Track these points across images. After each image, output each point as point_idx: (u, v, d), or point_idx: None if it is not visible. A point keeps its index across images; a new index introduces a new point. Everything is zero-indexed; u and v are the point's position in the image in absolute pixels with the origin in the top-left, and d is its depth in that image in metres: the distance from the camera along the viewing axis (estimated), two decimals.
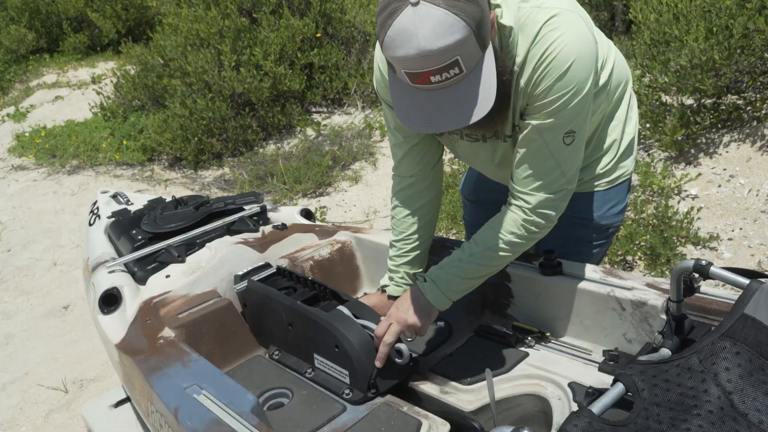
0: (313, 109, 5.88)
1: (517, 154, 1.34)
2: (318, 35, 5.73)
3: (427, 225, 1.61)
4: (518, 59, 1.25)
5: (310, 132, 5.52)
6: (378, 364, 1.41)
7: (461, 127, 1.17)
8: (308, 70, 5.76)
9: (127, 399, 2.01)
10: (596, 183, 1.59)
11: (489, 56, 1.13)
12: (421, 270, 1.64)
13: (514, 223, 1.37)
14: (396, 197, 1.61)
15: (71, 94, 8.12)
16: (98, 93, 7.00)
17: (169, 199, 2.32)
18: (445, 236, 3.19)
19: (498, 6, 1.20)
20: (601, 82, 1.37)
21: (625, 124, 1.57)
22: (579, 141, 1.32)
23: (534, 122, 1.28)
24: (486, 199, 1.84)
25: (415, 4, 1.04)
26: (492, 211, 1.47)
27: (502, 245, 1.39)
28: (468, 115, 1.15)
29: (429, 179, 1.58)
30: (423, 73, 1.09)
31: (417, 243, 1.60)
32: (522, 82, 1.26)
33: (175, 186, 5.26)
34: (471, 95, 1.13)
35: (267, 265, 1.83)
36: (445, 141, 1.55)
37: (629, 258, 3.06)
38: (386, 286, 1.64)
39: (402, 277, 1.62)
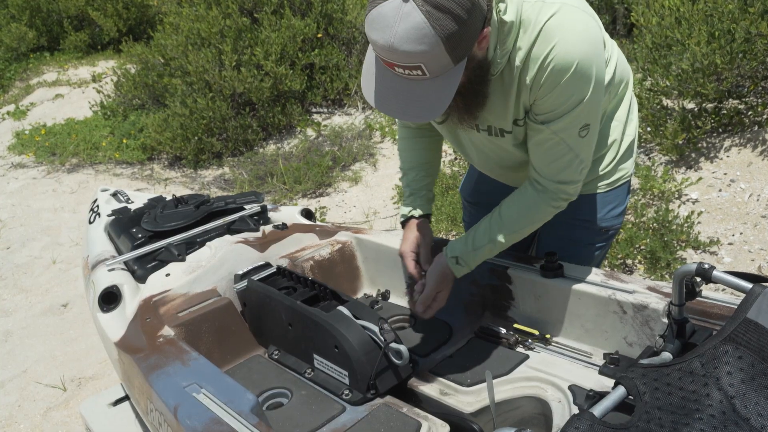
0: (314, 110, 5.88)
1: (535, 152, 1.37)
2: (319, 35, 5.73)
3: (436, 157, 1.70)
4: (521, 53, 1.24)
5: (311, 132, 5.52)
6: (427, 312, 1.52)
7: (400, 119, 1.23)
8: (309, 71, 5.75)
9: (126, 397, 2.01)
10: (597, 185, 1.59)
11: (459, 68, 1.14)
12: (432, 198, 1.70)
13: (538, 200, 1.42)
14: (405, 133, 1.68)
15: (71, 92, 8.12)
16: (98, 91, 6.99)
17: (169, 197, 2.31)
18: (445, 237, 3.19)
19: (502, 1, 1.20)
20: (607, 79, 1.37)
21: (626, 125, 1.57)
22: (593, 131, 1.35)
23: (549, 126, 1.30)
24: (486, 201, 1.84)
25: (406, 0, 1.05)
26: None
27: (526, 220, 1.44)
28: (414, 113, 1.18)
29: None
30: (388, 62, 1.12)
31: (431, 169, 1.69)
32: (527, 79, 1.26)
33: (174, 185, 5.26)
34: (424, 97, 1.15)
35: (267, 265, 1.83)
36: (446, 129, 1.55)
37: (629, 261, 3.06)
38: (413, 210, 1.67)
39: (424, 196, 1.68)
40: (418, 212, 1.65)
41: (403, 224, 1.68)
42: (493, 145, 1.49)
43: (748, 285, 1.05)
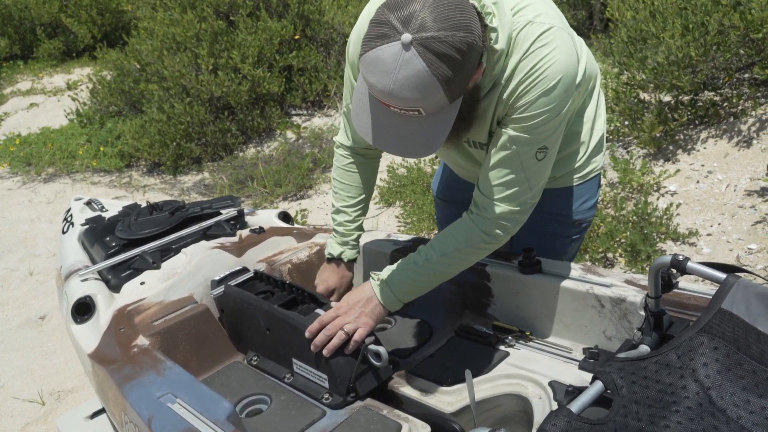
0: (293, 112, 5.85)
1: (488, 162, 1.34)
2: (296, 37, 5.69)
3: (370, 189, 1.70)
4: (506, 73, 1.24)
5: (290, 135, 5.49)
6: (326, 353, 1.39)
7: (397, 155, 1.20)
8: (287, 73, 5.72)
9: (104, 410, 1.97)
10: (569, 179, 1.60)
11: (456, 105, 1.14)
12: (362, 233, 1.73)
13: (472, 233, 1.38)
14: (342, 164, 1.66)
15: (46, 101, 7.99)
16: (74, 99, 6.89)
17: (145, 204, 2.28)
18: (427, 236, 3.18)
19: (494, 30, 1.17)
20: (578, 80, 1.37)
21: (595, 120, 1.57)
22: (550, 157, 1.33)
23: (511, 133, 1.28)
24: (458, 197, 1.84)
25: (407, 47, 1.02)
26: (464, 209, 1.46)
27: (457, 253, 1.39)
28: (411, 149, 1.18)
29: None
30: (385, 103, 1.11)
31: (363, 206, 1.68)
32: (506, 93, 1.26)
33: (153, 192, 5.20)
34: (420, 133, 1.15)
35: (244, 270, 1.80)
36: None
37: (610, 255, 3.07)
38: (341, 253, 1.68)
39: (355, 240, 1.69)
40: (347, 256, 1.68)
41: (329, 260, 1.70)
42: (470, 156, 1.50)
43: (722, 275, 1.05)
